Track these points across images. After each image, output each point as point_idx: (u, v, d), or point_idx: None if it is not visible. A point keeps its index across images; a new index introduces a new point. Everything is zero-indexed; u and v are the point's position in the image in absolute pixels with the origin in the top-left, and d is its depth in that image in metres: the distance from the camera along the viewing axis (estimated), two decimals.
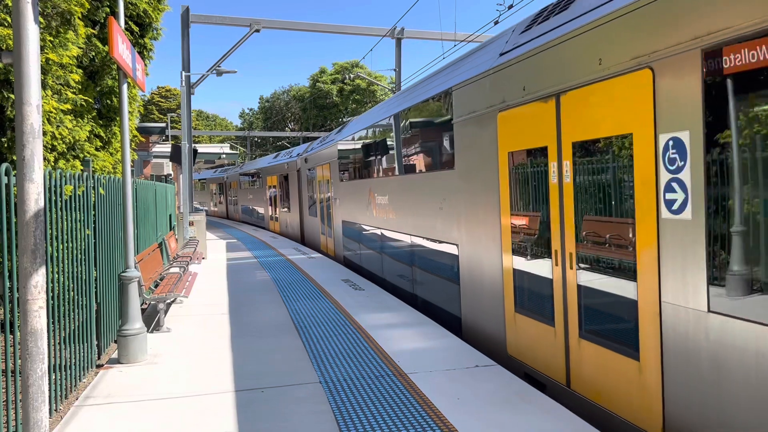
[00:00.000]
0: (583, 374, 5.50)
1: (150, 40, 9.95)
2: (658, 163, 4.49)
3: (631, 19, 4.67)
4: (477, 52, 8.25)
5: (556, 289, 5.90)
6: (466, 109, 7.80)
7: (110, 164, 8.40)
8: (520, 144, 6.48)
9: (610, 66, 4.94)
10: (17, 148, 3.33)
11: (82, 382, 6.41)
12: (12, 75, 5.52)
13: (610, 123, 5.00)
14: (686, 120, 4.18)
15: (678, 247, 4.30)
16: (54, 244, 5.47)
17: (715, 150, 3.95)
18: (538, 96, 6.06)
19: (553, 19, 6.11)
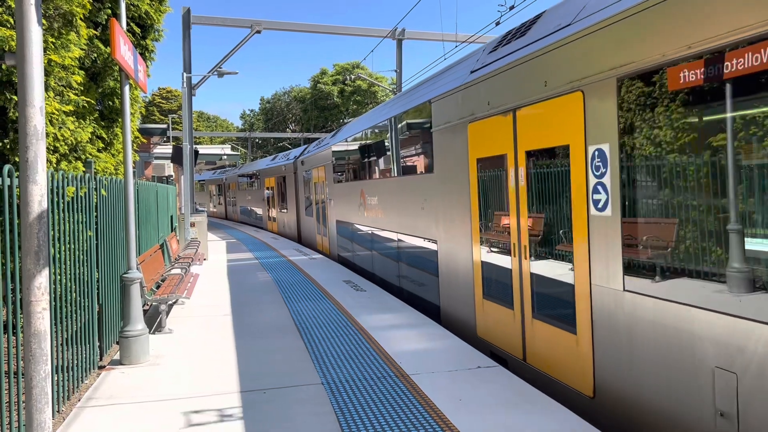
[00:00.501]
0: (536, 349, 6.42)
1: (151, 42, 9.95)
2: (587, 169, 5.41)
3: (568, 50, 5.60)
4: (453, 68, 9.17)
5: (514, 278, 6.79)
6: (442, 119, 8.70)
7: (112, 165, 8.40)
8: (486, 152, 7.39)
9: (553, 87, 5.87)
10: (20, 150, 3.34)
11: (84, 383, 6.42)
12: (14, 76, 5.52)
13: (553, 135, 5.90)
14: (606, 134, 5.10)
15: (602, 238, 5.23)
16: (56, 245, 5.47)
17: (626, 159, 4.90)
18: (500, 110, 6.97)
19: (514, 42, 6.98)
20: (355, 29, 26.46)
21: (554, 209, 5.96)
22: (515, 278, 6.75)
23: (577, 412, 5.68)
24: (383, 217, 12.04)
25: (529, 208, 6.43)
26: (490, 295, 7.42)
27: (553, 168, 5.94)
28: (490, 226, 7.36)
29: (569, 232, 5.71)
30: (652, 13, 4.48)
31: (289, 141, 65.18)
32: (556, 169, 5.89)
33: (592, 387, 5.47)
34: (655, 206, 4.60)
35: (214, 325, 9.05)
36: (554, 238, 5.98)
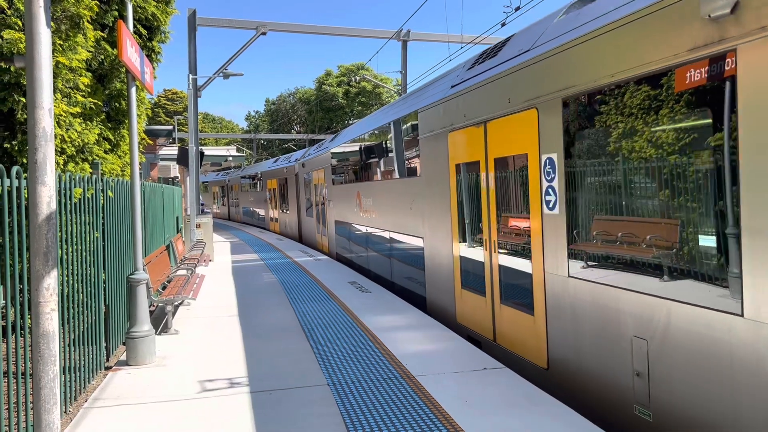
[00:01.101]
0: (503, 331, 7.34)
1: (158, 44, 9.99)
2: (541, 174, 6.28)
3: (525, 72, 6.52)
4: (438, 81, 10.14)
5: (486, 269, 7.71)
6: (428, 127, 9.60)
7: (119, 167, 8.43)
8: (463, 158, 8.29)
9: (515, 104, 6.77)
10: (29, 152, 3.35)
11: (91, 384, 6.44)
12: (22, 78, 5.55)
13: (516, 145, 6.82)
14: (555, 145, 6.00)
15: (552, 233, 6.14)
16: (64, 246, 5.50)
17: (570, 166, 5.78)
18: (474, 122, 7.85)
19: (487, 62, 7.85)
20: (360, 30, 26.47)
21: (517, 209, 6.92)
22: (487, 270, 7.69)
23: (535, 382, 6.56)
24: (377, 217, 12.93)
25: (497, 208, 7.37)
26: (467, 285, 8.35)
27: (516, 173, 6.92)
28: (467, 224, 8.28)
29: (527, 229, 6.65)
30: (587, 46, 5.40)
31: (294, 142, 65.24)
32: (518, 174, 6.86)
33: (546, 360, 6.40)
34: (591, 205, 5.54)
35: (220, 326, 9.07)
36: (515, 234, 6.98)
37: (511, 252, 7.03)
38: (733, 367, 4.05)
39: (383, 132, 12.43)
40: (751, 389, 3.92)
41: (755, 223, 3.83)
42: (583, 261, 5.66)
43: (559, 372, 6.13)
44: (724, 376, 4.13)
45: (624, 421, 5.12)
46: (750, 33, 3.80)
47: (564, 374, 6.03)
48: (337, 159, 17.00)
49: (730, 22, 3.94)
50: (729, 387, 4.10)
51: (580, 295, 5.69)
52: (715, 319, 4.17)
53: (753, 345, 3.87)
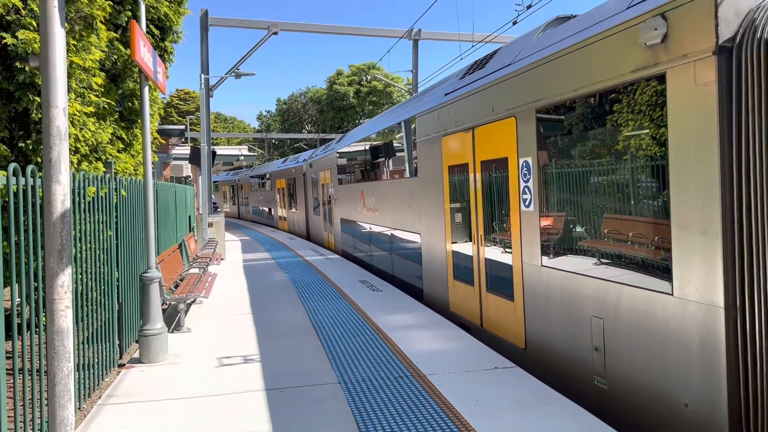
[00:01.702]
0: (489, 316, 8.08)
1: (170, 44, 10.04)
2: (519, 176, 7.01)
3: (506, 84, 7.27)
4: (434, 89, 11.00)
5: (474, 261, 8.45)
6: (424, 132, 10.35)
7: (132, 166, 8.50)
8: (454, 160, 9.02)
9: (497, 113, 7.51)
10: (44, 151, 3.39)
11: (104, 381, 6.49)
12: (37, 78, 5.60)
13: (498, 149, 7.54)
14: (530, 150, 6.73)
15: (528, 227, 6.86)
16: (77, 245, 5.55)
17: (545, 169, 6.48)
18: (464, 128, 8.59)
19: (476, 73, 8.60)
20: (371, 30, 26.48)
21: (500, 206, 7.64)
22: (475, 262, 8.43)
23: (515, 361, 7.14)
24: (379, 215, 13.68)
25: (483, 206, 8.10)
26: (459, 276, 9.08)
27: (499, 175, 7.61)
28: (458, 221, 9.02)
29: (509, 224, 7.33)
30: (554, 63, 6.18)
31: (305, 142, 65.38)
32: (501, 175, 7.55)
33: (524, 340, 7.12)
34: (559, 203, 6.27)
35: (232, 324, 9.12)
36: (500, 229, 7.67)
37: (495, 245, 7.81)
38: (667, 337, 4.77)
39: (384, 135, 13.27)
40: (679, 355, 4.67)
41: (680, 217, 4.56)
42: (553, 252, 6.41)
43: (534, 351, 6.89)
44: (660, 346, 4.85)
45: (586, 391, 5.84)
46: (675, 59, 4.57)
47: (538, 353, 6.80)
48: (343, 160, 17.81)
49: (660, 49, 4.71)
50: (663, 355, 4.82)
51: (551, 282, 6.43)
52: (653, 298, 4.91)
53: (680, 318, 4.64)
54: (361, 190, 15.43)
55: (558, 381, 6.33)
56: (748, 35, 4.10)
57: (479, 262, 8.26)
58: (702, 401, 4.45)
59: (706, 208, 4.35)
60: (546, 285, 6.53)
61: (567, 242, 6.12)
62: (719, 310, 4.25)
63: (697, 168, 4.40)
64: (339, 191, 18.43)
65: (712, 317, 4.31)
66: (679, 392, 4.65)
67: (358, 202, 15.70)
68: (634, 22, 4.95)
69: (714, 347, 4.31)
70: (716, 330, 4.28)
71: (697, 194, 4.41)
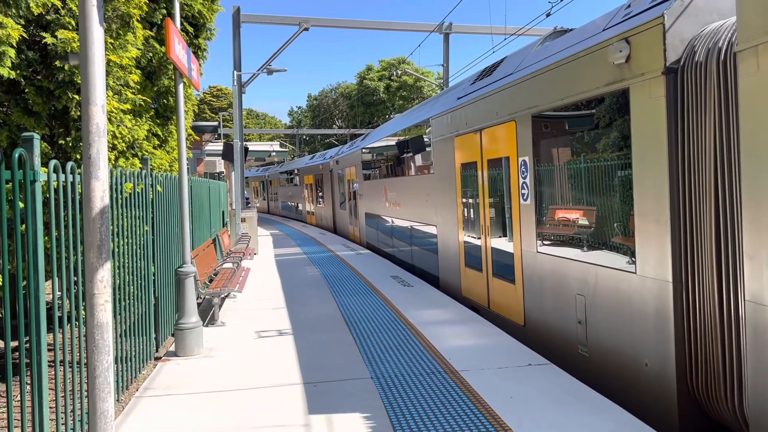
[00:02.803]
0: (495, 299, 9.05)
1: (204, 41, 10.14)
2: (518, 173, 7.94)
3: (507, 92, 8.24)
4: (448, 93, 12.31)
5: (482, 250, 9.41)
6: (439, 132, 11.38)
7: (167, 162, 8.62)
8: (465, 159, 10.01)
9: (501, 117, 8.47)
10: (84, 147, 3.45)
11: (141, 373, 6.62)
12: (76, 76, 5.71)
13: (501, 150, 8.51)
14: (527, 150, 7.67)
15: (526, 218, 7.78)
16: (115, 240, 5.65)
17: (539, 167, 7.39)
18: (473, 129, 9.59)
19: (485, 79, 9.65)
20: (402, 24, 26.41)
21: (502, 201, 8.55)
22: (483, 250, 9.39)
23: (517, 337, 8.11)
24: (400, 208, 14.76)
25: (489, 200, 9.04)
26: (469, 264, 10.05)
27: (502, 172, 8.50)
28: (469, 214, 9.97)
29: (510, 216, 8.28)
30: (546, 75, 7.11)
31: (336, 137, 65.60)
32: (503, 172, 8.45)
33: (523, 318, 8.04)
34: (550, 197, 7.17)
35: (265, 318, 9.21)
36: (503, 220, 8.55)
37: (499, 235, 8.73)
38: (632, 309, 5.67)
39: (404, 134, 14.17)
40: (641, 323, 5.55)
41: (640, 208, 5.47)
42: (546, 240, 7.33)
43: (532, 327, 7.81)
44: (628, 316, 5.74)
45: (573, 359, 6.77)
46: (636, 77, 5.46)
47: (535, 328, 7.70)
48: (367, 157, 18.85)
49: (625, 68, 5.61)
50: (630, 324, 5.70)
51: (544, 266, 7.36)
52: (621, 277, 5.82)
53: (641, 292, 5.53)
54: (384, 185, 16.42)
55: (551, 352, 7.27)
56: (689, 59, 4.97)
57: (486, 251, 9.23)
58: (657, 360, 5.33)
59: (658, 201, 5.23)
60: (540, 268, 7.46)
61: (557, 231, 7.09)
62: (669, 284, 5.16)
63: (652, 167, 5.30)
64: (363, 187, 19.49)
65: (664, 290, 5.22)
66: (641, 354, 5.55)
67: (382, 196, 16.73)
68: (606, 44, 5.87)
69: (665, 315, 5.21)
70: (666, 300, 5.19)
71: (653, 188, 5.30)
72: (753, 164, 4.03)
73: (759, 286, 4.05)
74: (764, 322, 4.00)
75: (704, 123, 4.78)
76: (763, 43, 3.90)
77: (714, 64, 4.67)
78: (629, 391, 5.75)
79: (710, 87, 4.72)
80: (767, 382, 4.01)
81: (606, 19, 6.42)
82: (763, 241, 3.98)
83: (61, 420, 4.30)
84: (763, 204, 3.96)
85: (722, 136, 4.61)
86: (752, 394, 4.16)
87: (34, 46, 5.88)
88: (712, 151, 4.68)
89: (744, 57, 4.10)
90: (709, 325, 4.79)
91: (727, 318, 4.61)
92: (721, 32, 4.74)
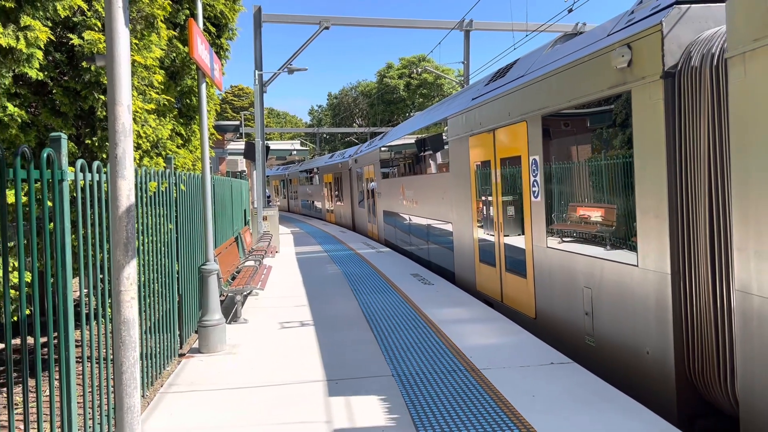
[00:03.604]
0: (508, 292, 9.39)
1: (226, 41, 10.23)
2: (529, 171, 8.27)
3: (518, 94, 8.58)
4: (463, 93, 12.64)
5: (496, 246, 9.74)
6: (454, 132, 11.71)
7: (190, 161, 8.71)
8: (479, 158, 10.38)
9: (513, 117, 8.81)
10: (110, 147, 3.50)
11: (166, 370, 6.70)
12: (102, 77, 5.80)
13: (513, 149, 8.84)
14: (537, 149, 8.00)
15: (536, 215, 8.11)
16: (140, 238, 5.73)
17: (548, 166, 7.71)
18: (486, 129, 9.96)
19: (498, 81, 9.95)
20: (423, 22, 26.35)
21: (514, 198, 8.87)
22: (496, 246, 9.72)
23: (529, 329, 8.44)
24: (417, 206, 15.09)
25: (502, 197, 9.33)
26: (483, 260, 10.40)
27: (514, 170, 8.84)
28: (483, 211, 10.32)
29: (521, 212, 8.63)
30: (554, 78, 7.42)
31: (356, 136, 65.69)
32: (515, 170, 8.78)
33: (534, 311, 8.37)
34: (559, 194, 7.47)
35: (287, 315, 9.27)
36: (515, 217, 8.87)
37: (512, 231, 9.05)
38: (634, 300, 5.98)
39: (422, 133, 14.45)
40: (642, 314, 5.85)
41: (642, 205, 5.78)
42: (555, 235, 7.62)
43: (542, 319, 8.13)
44: (631, 307, 6.05)
45: (580, 349, 7.08)
46: (637, 80, 5.76)
47: (545, 321, 8.03)
48: (385, 155, 19.18)
49: (627, 72, 5.92)
50: (632, 315, 6.01)
51: (554, 260, 7.66)
52: (625, 270, 6.13)
53: (642, 284, 5.83)
54: (401, 183, 16.83)
55: (560, 342, 7.58)
56: (685, 64, 5.23)
57: (499, 246, 9.55)
58: (657, 348, 5.64)
59: (658, 197, 5.54)
60: (550, 263, 7.77)
61: (565, 227, 7.37)
62: (667, 276, 5.47)
63: (652, 166, 5.61)
64: (381, 185, 19.89)
65: (663, 282, 5.52)
66: (643, 343, 5.86)
67: (399, 195, 17.14)
68: (609, 49, 6.18)
69: (664, 305, 5.51)
70: (666, 291, 5.49)
71: (652, 185, 5.61)
72: (741, 163, 4.32)
73: (747, 276, 4.33)
74: (751, 310, 4.30)
75: (699, 125, 5.05)
76: (750, 51, 4.19)
77: (708, 69, 4.94)
78: (632, 378, 6.04)
79: (704, 91, 4.99)
80: (755, 366, 4.30)
81: (612, 23, 6.71)
82: (751, 235, 4.26)
83: (88, 415, 4.38)
84: (750, 200, 4.23)
85: (715, 137, 4.90)
86: (741, 377, 4.46)
87: (61, 48, 5.98)
88: (706, 150, 4.99)
89: (733, 63, 4.37)
90: (704, 314, 5.09)
91: (720, 307, 4.92)
92: (715, 39, 4.99)
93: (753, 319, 4.28)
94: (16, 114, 5.22)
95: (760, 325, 4.21)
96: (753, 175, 4.21)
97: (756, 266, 4.23)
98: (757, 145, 4.16)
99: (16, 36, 4.93)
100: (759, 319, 4.23)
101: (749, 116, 4.23)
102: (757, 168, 4.16)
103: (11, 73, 5.08)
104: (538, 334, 8.18)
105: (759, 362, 4.25)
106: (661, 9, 5.65)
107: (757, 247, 4.20)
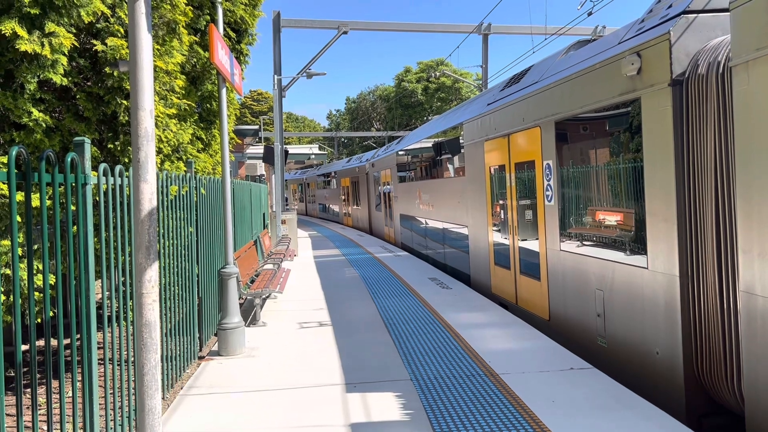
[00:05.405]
0: (522, 295, 9.56)
1: (246, 46, 10.32)
2: (543, 176, 8.45)
3: (532, 100, 8.75)
4: (478, 99, 12.91)
5: (510, 249, 9.92)
6: (470, 137, 11.89)
7: (210, 165, 8.79)
8: (494, 162, 10.57)
9: (527, 122, 8.97)
10: (133, 151, 3.55)
11: (186, 372, 6.76)
12: (124, 83, 5.88)
13: (527, 153, 9.01)
14: (551, 154, 8.19)
15: (550, 219, 8.28)
16: (161, 241, 5.79)
17: (561, 170, 7.90)
18: (501, 134, 10.13)
19: (513, 86, 10.09)
20: (440, 26, 26.35)
21: (528, 202, 9.04)
22: (511, 249, 9.90)
23: (542, 331, 8.59)
24: (434, 210, 15.27)
25: (517, 201, 9.50)
26: (498, 263, 10.59)
27: (528, 174, 9.01)
28: (498, 215, 10.50)
29: (535, 216, 8.79)
30: (567, 85, 7.58)
31: (374, 140, 65.79)
32: (529, 175, 8.95)
33: (548, 313, 8.53)
34: (572, 198, 7.64)
35: (305, 319, 9.30)
36: (529, 221, 9.04)
37: (526, 235, 9.20)
38: (644, 302, 6.12)
39: (438, 137, 14.62)
40: (652, 315, 5.98)
41: (651, 208, 5.93)
42: (568, 238, 7.79)
43: (556, 321, 8.27)
44: (641, 309, 6.19)
45: (592, 350, 7.23)
46: (647, 87, 5.92)
47: (559, 322, 8.17)
48: (402, 160, 19.39)
49: (637, 79, 6.09)
50: (642, 316, 6.15)
51: (567, 263, 7.83)
52: (635, 272, 6.27)
53: (652, 286, 5.97)
54: (418, 187, 17.02)
55: (573, 342, 7.75)
56: (693, 72, 5.36)
57: (514, 250, 9.74)
58: (667, 348, 5.77)
59: (667, 202, 5.68)
60: (563, 265, 7.93)
61: (578, 230, 7.51)
62: (676, 278, 5.59)
63: (661, 171, 5.75)
64: (398, 189, 20.15)
65: (672, 283, 5.66)
66: (653, 343, 5.99)
67: (416, 198, 17.32)
68: (620, 57, 6.32)
69: (673, 306, 5.64)
70: (675, 293, 5.62)
71: (662, 190, 5.75)
72: (745, 168, 4.46)
73: (751, 277, 4.45)
74: (756, 309, 4.41)
75: (706, 131, 5.19)
76: (753, 59, 4.33)
77: (714, 77, 5.07)
78: (643, 378, 6.19)
79: (711, 98, 5.11)
80: (760, 364, 4.41)
81: (623, 31, 6.87)
82: (755, 237, 4.39)
83: (110, 416, 4.43)
84: (754, 204, 4.37)
85: (721, 143, 5.03)
86: (747, 375, 4.57)
87: (84, 54, 6.07)
88: (713, 156, 5.12)
89: (738, 71, 4.50)
90: (711, 315, 5.22)
91: (726, 307, 5.05)
92: (721, 47, 5.12)
93: (757, 319, 4.41)
94: (41, 119, 5.31)
95: (764, 325, 4.34)
96: (757, 180, 4.34)
97: (760, 268, 4.34)
98: (761, 151, 4.28)
99: (41, 42, 5.02)
100: (763, 319, 4.34)
101: (753, 122, 4.36)
102: (760, 173, 4.29)
103: (36, 78, 5.17)
104: (552, 336, 8.31)
105: (763, 360, 4.36)
106: (670, 18, 5.77)
107: (760, 249, 4.33)
